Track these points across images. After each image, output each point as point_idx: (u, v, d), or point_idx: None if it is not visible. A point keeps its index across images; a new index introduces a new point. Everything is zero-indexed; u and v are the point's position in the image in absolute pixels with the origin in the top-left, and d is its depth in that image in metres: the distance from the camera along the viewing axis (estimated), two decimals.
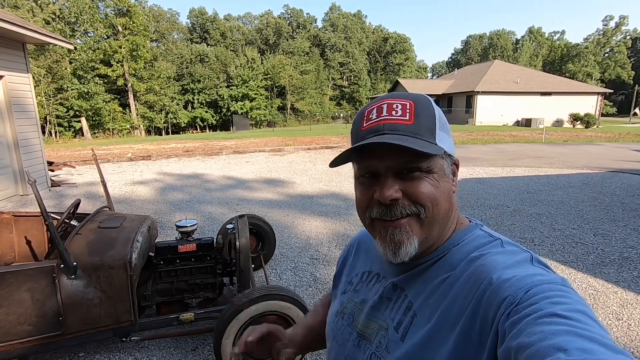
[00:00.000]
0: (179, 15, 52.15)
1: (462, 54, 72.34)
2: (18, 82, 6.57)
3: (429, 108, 0.59)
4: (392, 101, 0.59)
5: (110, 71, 31.78)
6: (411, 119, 0.56)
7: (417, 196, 0.56)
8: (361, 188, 0.61)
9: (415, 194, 0.56)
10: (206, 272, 2.53)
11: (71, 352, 2.34)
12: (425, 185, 0.56)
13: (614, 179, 7.33)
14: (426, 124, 0.57)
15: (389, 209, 0.57)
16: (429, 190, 0.56)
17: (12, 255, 2.66)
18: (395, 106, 0.58)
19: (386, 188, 0.56)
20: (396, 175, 0.57)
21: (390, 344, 0.59)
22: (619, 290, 3.05)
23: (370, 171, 0.59)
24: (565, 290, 0.46)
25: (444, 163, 0.59)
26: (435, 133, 0.57)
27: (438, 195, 0.57)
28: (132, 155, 11.73)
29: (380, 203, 0.57)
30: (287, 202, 6.01)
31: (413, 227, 0.57)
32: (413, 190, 0.56)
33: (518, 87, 27.64)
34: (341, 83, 54.61)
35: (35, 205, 5.82)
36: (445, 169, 0.59)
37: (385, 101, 0.59)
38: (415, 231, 0.57)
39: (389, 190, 0.56)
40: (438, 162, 0.58)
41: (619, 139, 16.30)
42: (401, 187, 0.57)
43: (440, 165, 0.58)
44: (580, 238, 4.19)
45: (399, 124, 0.56)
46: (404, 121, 0.56)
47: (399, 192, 0.56)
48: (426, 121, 0.57)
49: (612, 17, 59.06)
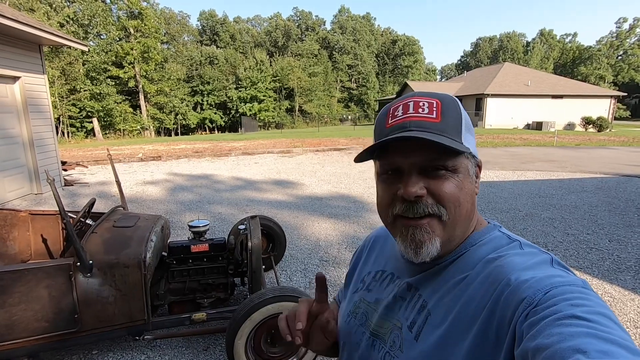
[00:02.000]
0: (189, 17, 52.59)
1: (471, 56, 71.78)
2: (34, 83, 6.71)
3: (455, 108, 0.58)
4: (418, 99, 0.58)
5: (122, 73, 32.22)
6: (438, 117, 0.56)
7: (441, 196, 0.56)
8: (384, 185, 0.60)
9: (439, 193, 0.56)
10: (218, 273, 2.55)
11: (85, 349, 2.37)
12: (450, 185, 0.56)
13: (629, 184, 7.18)
14: (453, 123, 0.57)
15: (412, 205, 0.56)
16: (453, 191, 0.56)
17: (28, 253, 2.71)
18: (422, 104, 0.57)
19: (411, 184, 0.55)
20: (421, 172, 0.56)
21: (404, 343, 0.58)
22: (637, 298, 2.98)
23: (393, 167, 0.58)
24: (586, 292, 0.45)
25: (469, 163, 0.59)
26: (461, 133, 0.57)
27: (461, 196, 0.57)
28: (142, 156, 11.87)
29: (404, 199, 0.56)
30: (296, 204, 6.02)
31: (435, 228, 0.57)
32: (437, 189, 0.56)
33: (529, 89, 27.27)
34: (349, 85, 54.59)
35: (50, 204, 5.92)
36: (470, 169, 0.59)
37: (412, 99, 0.59)
38: (438, 232, 0.57)
39: (414, 186, 0.55)
40: (463, 162, 0.57)
41: (632, 142, 15.99)
42: (425, 185, 0.56)
43: (465, 166, 0.58)
44: (595, 243, 4.11)
45: (425, 122, 0.56)
46: (430, 119, 0.56)
47: (424, 190, 0.56)
48: (453, 120, 0.57)
49: (625, 19, 57.96)
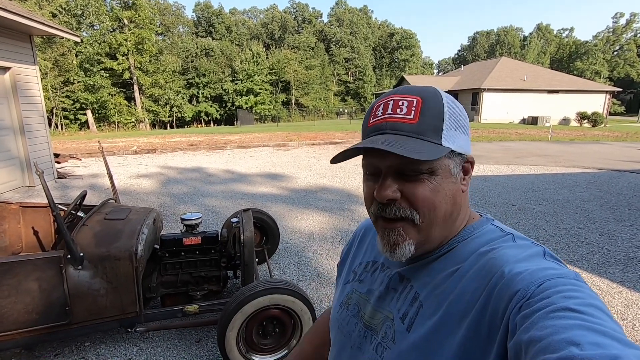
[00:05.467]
0: (184, 8, 51.98)
1: (468, 50, 71.62)
2: (25, 74, 6.61)
3: (437, 105, 0.56)
4: (399, 97, 0.57)
5: (116, 64, 31.80)
6: (415, 117, 0.55)
7: (414, 200, 0.56)
8: (366, 184, 0.62)
9: (412, 197, 0.56)
10: (211, 265, 2.56)
11: (77, 341, 2.37)
12: (424, 188, 0.55)
13: (621, 179, 7.26)
14: (432, 123, 0.55)
15: (386, 207, 0.57)
16: (426, 195, 0.56)
17: (19, 246, 2.69)
18: (401, 103, 0.56)
19: (383, 188, 0.56)
20: (397, 175, 0.57)
21: (396, 334, 0.59)
22: (624, 290, 3.03)
23: (372, 169, 0.59)
24: (578, 284, 0.45)
25: (451, 163, 0.57)
26: (441, 132, 0.56)
27: (436, 199, 0.56)
28: (137, 149, 11.79)
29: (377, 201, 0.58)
30: (291, 197, 6.02)
31: (408, 232, 0.58)
32: (410, 193, 0.56)
33: (525, 84, 27.31)
34: (346, 79, 54.36)
35: (42, 197, 5.87)
36: (452, 168, 0.58)
37: (393, 97, 0.58)
38: (412, 235, 0.58)
39: (386, 190, 0.56)
40: (442, 163, 0.56)
41: (627, 138, 16.10)
42: (400, 188, 0.56)
43: (445, 166, 0.57)
44: (586, 237, 4.16)
45: (401, 123, 0.55)
46: (407, 120, 0.55)
47: (397, 193, 0.56)
48: (432, 120, 0.55)
49: (622, 14, 58.12)
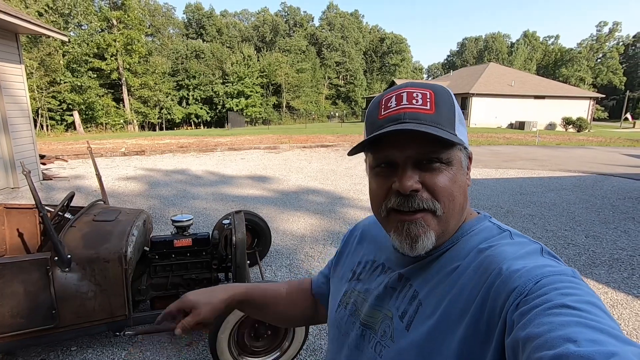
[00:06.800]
0: (175, 10, 51.65)
1: (457, 55, 72.72)
2: (10, 73, 6.47)
3: (449, 99, 0.58)
4: (412, 90, 0.57)
5: (104, 64, 31.30)
6: (432, 108, 0.55)
7: (435, 189, 0.56)
8: (377, 179, 0.60)
9: (433, 187, 0.56)
10: (202, 267, 2.53)
11: (63, 346, 2.31)
12: (444, 178, 0.56)
13: (605, 182, 7.43)
14: (447, 115, 0.56)
15: (407, 199, 0.56)
16: (447, 185, 0.56)
17: (3, 248, 2.62)
18: (416, 95, 0.57)
19: (406, 178, 0.55)
20: (415, 165, 0.56)
21: (395, 333, 0.58)
22: (610, 291, 3.10)
23: (388, 160, 0.58)
24: (576, 281, 0.45)
25: (462, 155, 0.59)
26: (454, 125, 0.57)
27: (455, 189, 0.57)
28: (125, 150, 11.61)
29: (399, 193, 0.56)
30: (282, 200, 6.00)
31: (429, 222, 0.57)
32: (432, 183, 0.56)
33: (512, 90, 27.85)
34: (337, 82, 54.50)
35: (27, 199, 5.73)
36: (463, 161, 0.59)
37: (405, 89, 0.58)
38: (432, 226, 0.57)
39: (409, 180, 0.55)
40: (457, 154, 0.57)
41: (610, 143, 16.54)
42: (420, 179, 0.56)
43: (459, 158, 0.58)
44: (572, 239, 4.25)
45: (420, 113, 0.55)
46: (425, 110, 0.55)
47: (419, 184, 0.56)
48: (446, 112, 0.56)
49: (606, 23, 59.85)
